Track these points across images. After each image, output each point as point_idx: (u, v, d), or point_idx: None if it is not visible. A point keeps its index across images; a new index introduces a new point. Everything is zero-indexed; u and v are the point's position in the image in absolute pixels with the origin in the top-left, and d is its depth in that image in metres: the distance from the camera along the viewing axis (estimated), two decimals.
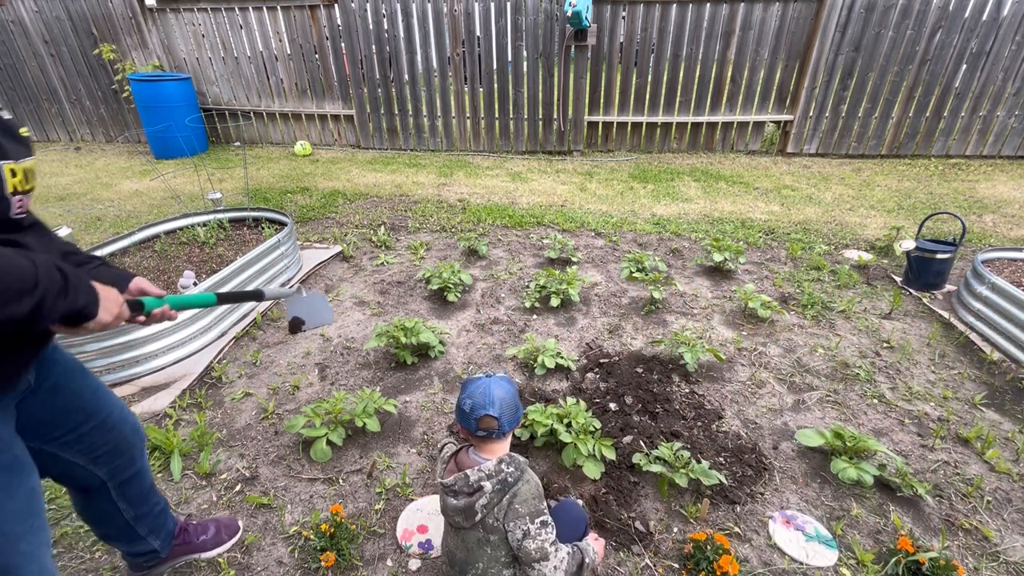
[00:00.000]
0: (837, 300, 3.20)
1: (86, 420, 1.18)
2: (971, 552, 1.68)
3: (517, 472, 1.23)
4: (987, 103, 5.81)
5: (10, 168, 0.78)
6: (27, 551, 0.89)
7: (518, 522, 1.21)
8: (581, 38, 5.84)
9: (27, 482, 0.91)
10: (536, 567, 1.23)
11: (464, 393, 1.26)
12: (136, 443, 1.34)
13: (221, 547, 1.67)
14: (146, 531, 1.46)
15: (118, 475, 1.31)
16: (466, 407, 1.23)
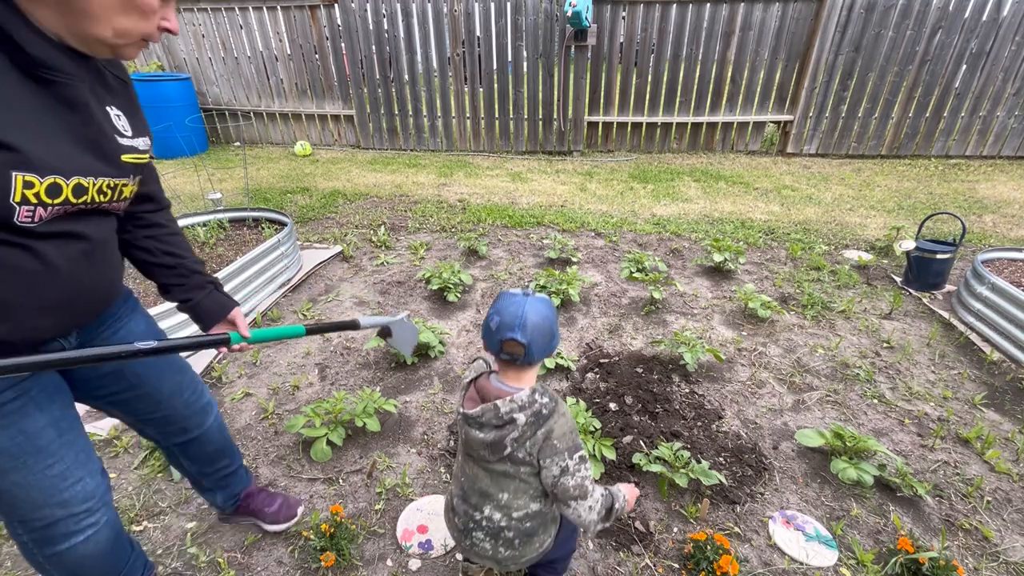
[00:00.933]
0: (837, 300, 3.20)
1: (129, 388, 1.23)
2: (971, 552, 1.68)
3: (552, 403, 1.10)
4: (987, 103, 5.81)
5: (23, 179, 0.79)
6: (20, 482, 1.00)
7: (555, 458, 1.09)
8: (581, 38, 5.84)
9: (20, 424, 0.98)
10: (573, 504, 1.12)
11: (494, 307, 1.10)
12: (191, 416, 1.39)
13: (278, 525, 1.71)
14: (211, 485, 1.60)
15: (170, 439, 1.40)
16: (492, 324, 1.08)
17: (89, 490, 1.10)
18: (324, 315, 3.07)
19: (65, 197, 0.86)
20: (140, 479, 1.95)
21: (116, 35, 0.85)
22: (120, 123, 0.98)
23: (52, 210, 0.85)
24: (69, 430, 1.07)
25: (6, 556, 1.67)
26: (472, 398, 1.16)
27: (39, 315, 0.93)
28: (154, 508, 1.84)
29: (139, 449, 2.08)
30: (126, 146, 0.98)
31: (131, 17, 0.84)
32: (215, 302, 1.24)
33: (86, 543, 1.13)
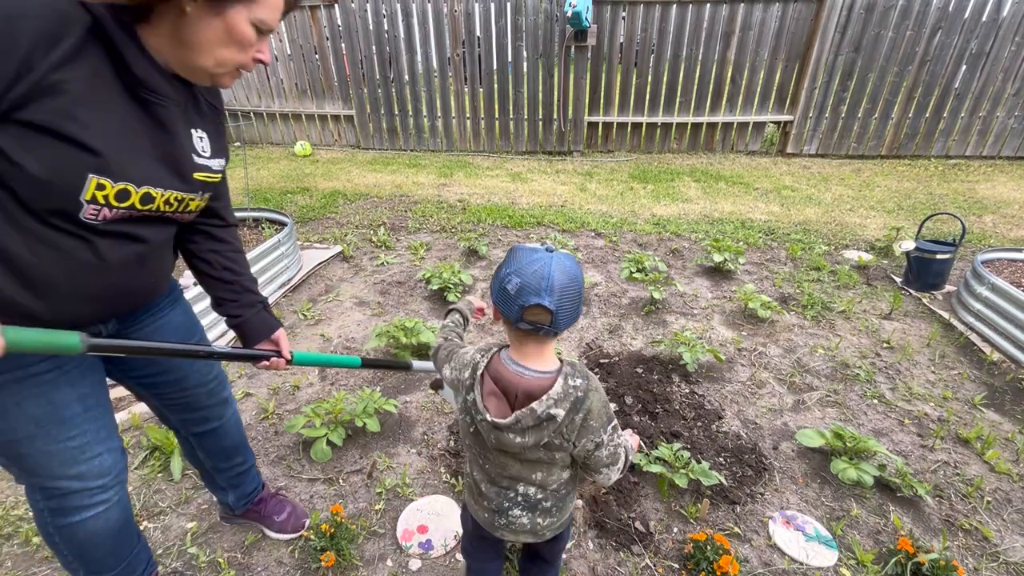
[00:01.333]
0: (837, 300, 3.20)
1: (161, 372, 1.29)
2: (971, 552, 1.68)
3: (584, 382, 0.97)
4: (987, 104, 5.81)
5: (97, 181, 0.86)
6: (42, 448, 1.05)
7: (591, 436, 1.00)
8: (581, 38, 5.84)
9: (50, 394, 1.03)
10: (604, 471, 1.05)
11: (511, 266, 0.93)
12: (213, 406, 1.43)
13: (284, 535, 1.72)
14: (224, 483, 1.62)
15: (189, 427, 1.44)
16: (511, 286, 0.91)
17: (106, 466, 1.15)
18: (324, 315, 3.07)
19: (132, 203, 0.93)
20: (140, 479, 1.95)
21: (216, 65, 0.93)
22: (201, 144, 1.07)
23: (117, 212, 0.92)
24: (96, 406, 1.12)
25: (6, 556, 1.67)
26: (493, 392, 1.00)
27: (80, 302, 0.98)
28: (154, 508, 1.84)
29: (139, 449, 2.08)
30: (200, 165, 1.06)
31: (231, 49, 0.92)
32: (262, 321, 1.29)
33: (96, 519, 1.17)
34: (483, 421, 0.99)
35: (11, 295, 0.89)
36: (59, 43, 0.76)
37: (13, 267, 0.87)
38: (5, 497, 1.88)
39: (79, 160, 0.83)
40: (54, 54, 0.76)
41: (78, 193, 0.85)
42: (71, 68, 0.78)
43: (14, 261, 0.87)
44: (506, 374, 0.99)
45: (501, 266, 0.97)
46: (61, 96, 0.78)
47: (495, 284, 0.96)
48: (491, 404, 1.00)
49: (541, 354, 0.99)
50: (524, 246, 0.97)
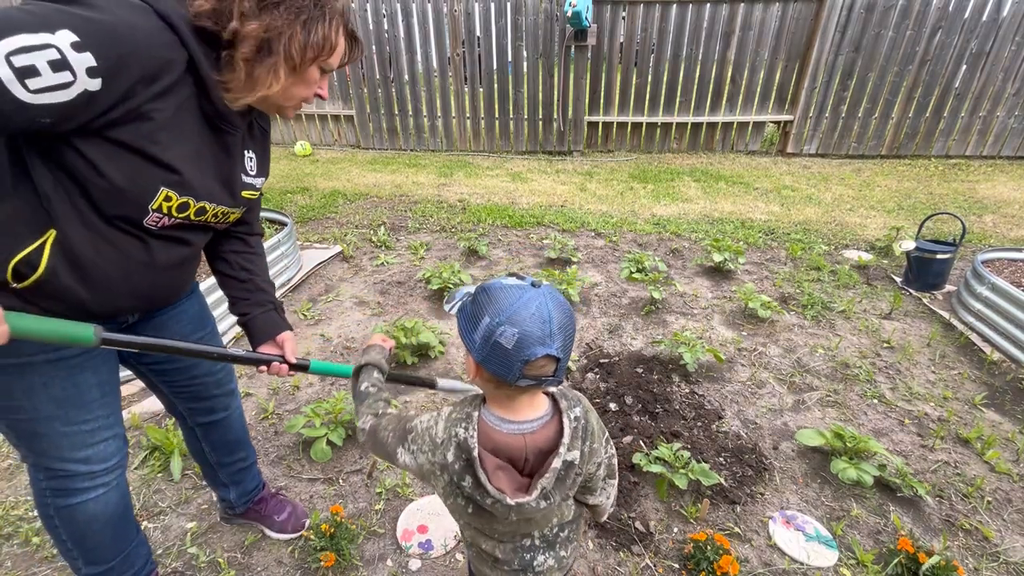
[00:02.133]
0: (837, 300, 3.20)
1: (170, 360, 1.34)
2: (971, 552, 1.68)
3: (581, 407, 0.87)
4: (987, 103, 5.81)
5: (166, 194, 0.97)
6: (59, 429, 1.10)
7: (595, 459, 0.90)
8: (581, 38, 5.84)
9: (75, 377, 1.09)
10: (604, 489, 0.99)
11: (497, 314, 0.74)
12: (219, 397, 1.47)
13: (284, 534, 1.72)
14: (226, 479, 1.63)
15: (195, 417, 1.47)
16: (505, 339, 0.73)
17: (111, 451, 1.20)
18: (324, 315, 3.07)
19: (188, 214, 1.04)
20: (140, 479, 1.95)
21: (285, 101, 1.05)
22: (250, 164, 1.18)
23: (173, 221, 1.03)
24: (110, 393, 1.18)
25: (6, 556, 1.68)
26: (499, 467, 0.81)
27: (127, 297, 1.07)
28: (154, 508, 1.84)
29: (139, 449, 2.08)
30: (247, 183, 1.17)
31: (299, 88, 1.03)
32: (268, 321, 1.32)
33: (96, 501, 1.21)
34: (497, 504, 0.79)
35: (67, 283, 0.96)
36: (157, 81, 0.87)
37: (73, 257, 0.95)
38: (5, 497, 1.88)
39: (155, 175, 0.94)
40: (152, 89, 0.87)
41: (148, 202, 0.96)
42: (162, 100, 0.90)
43: (75, 252, 0.94)
44: (504, 439, 0.82)
45: (479, 313, 0.76)
46: (149, 122, 0.89)
47: (477, 338, 0.76)
48: (503, 482, 0.80)
49: (533, 402, 0.84)
50: (499, 283, 0.78)
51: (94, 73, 0.79)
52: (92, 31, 0.78)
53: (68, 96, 0.78)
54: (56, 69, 0.76)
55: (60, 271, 0.94)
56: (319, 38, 0.97)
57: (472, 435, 0.80)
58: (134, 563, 1.36)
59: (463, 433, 0.81)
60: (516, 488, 0.81)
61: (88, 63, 0.78)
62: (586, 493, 0.97)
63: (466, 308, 0.81)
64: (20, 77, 0.74)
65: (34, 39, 0.74)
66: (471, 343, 0.78)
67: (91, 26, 0.78)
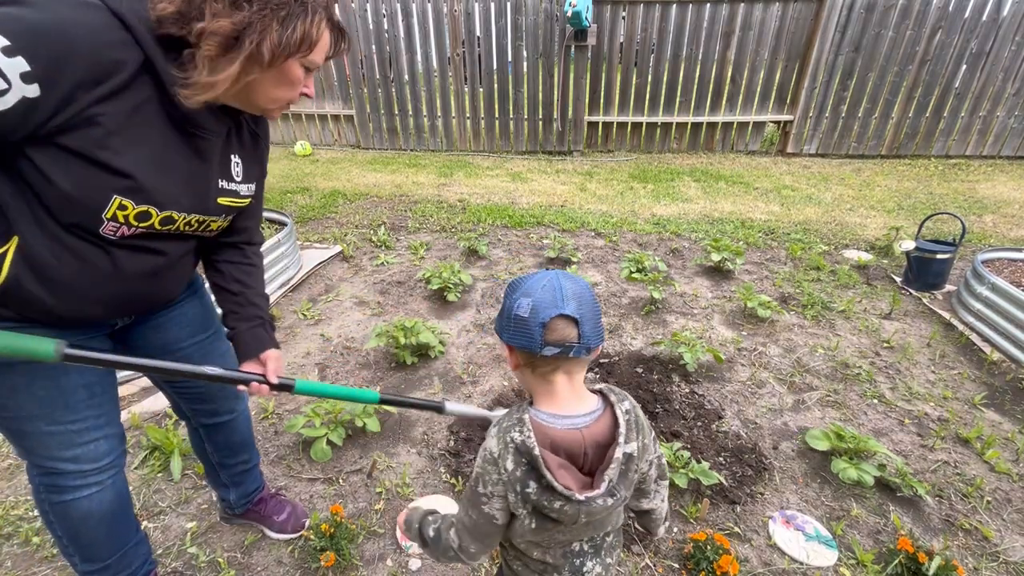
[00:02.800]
0: (837, 300, 3.20)
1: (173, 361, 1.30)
2: (971, 552, 1.68)
3: (629, 401, 0.86)
4: (987, 103, 5.81)
5: (120, 202, 0.91)
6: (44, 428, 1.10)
7: (647, 456, 0.88)
8: (581, 38, 5.84)
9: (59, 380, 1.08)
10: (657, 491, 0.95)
11: (515, 294, 0.81)
12: (224, 400, 1.46)
13: (284, 535, 1.72)
14: (228, 480, 1.63)
15: (200, 418, 1.47)
16: (523, 310, 0.78)
17: (101, 451, 1.19)
18: (324, 315, 3.07)
19: (151, 223, 0.98)
20: (140, 479, 1.95)
21: (267, 102, 1.00)
22: (236, 169, 1.12)
23: (135, 230, 0.98)
24: (100, 394, 1.17)
25: (6, 556, 1.68)
26: (562, 465, 0.79)
27: (93, 304, 1.04)
28: (154, 508, 1.84)
29: (139, 449, 2.08)
30: (228, 190, 1.11)
31: (283, 89, 0.98)
32: (254, 337, 1.23)
33: (90, 499, 1.20)
34: (566, 506, 0.77)
35: (31, 290, 0.95)
36: (104, 83, 0.82)
37: (35, 265, 0.93)
38: (5, 497, 1.88)
39: (106, 182, 0.89)
40: (97, 92, 0.82)
41: (101, 210, 0.91)
42: (111, 103, 0.84)
43: (37, 260, 0.92)
44: (561, 435, 0.80)
45: (505, 302, 0.84)
46: (96, 127, 0.84)
47: (504, 322, 0.82)
48: (568, 480, 0.77)
49: (575, 391, 0.83)
50: (518, 277, 0.85)
51: (29, 78, 0.74)
52: (22, 32, 0.73)
53: (5, 105, 0.74)
54: None
55: (23, 278, 0.92)
56: (297, 36, 0.90)
57: (529, 435, 0.77)
58: (131, 562, 1.35)
59: (519, 436, 0.78)
60: (581, 486, 0.79)
61: (21, 68, 0.73)
62: (640, 497, 0.95)
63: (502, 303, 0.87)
64: None
65: None
66: (503, 329, 0.83)
67: (21, 26, 0.73)
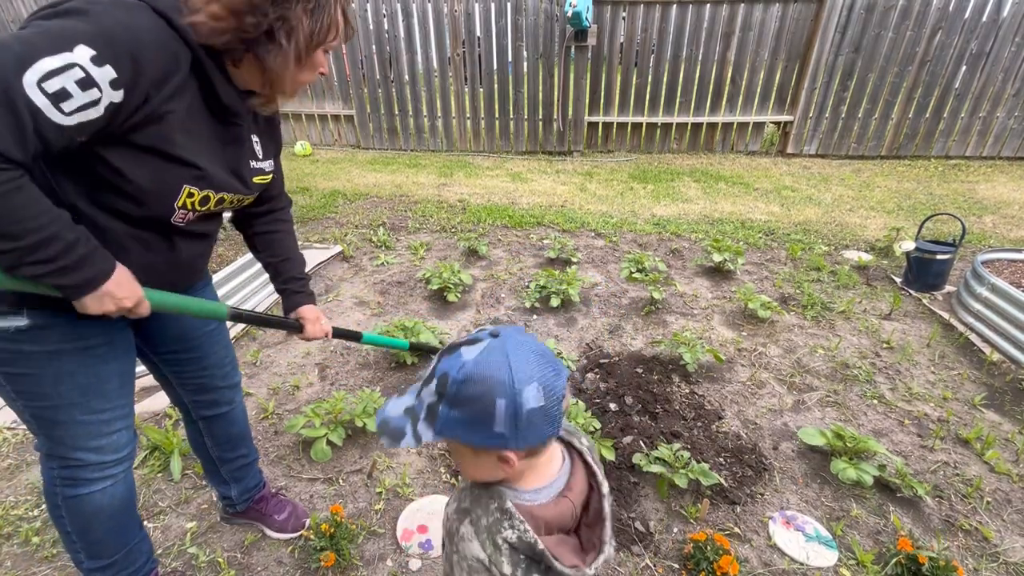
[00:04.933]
0: (837, 301, 3.20)
1: (186, 350, 1.37)
2: (971, 552, 1.68)
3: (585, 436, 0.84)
4: (987, 104, 5.81)
5: (189, 191, 1.00)
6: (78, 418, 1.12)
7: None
8: (581, 38, 5.84)
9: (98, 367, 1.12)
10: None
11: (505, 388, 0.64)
12: (224, 390, 1.50)
13: (284, 534, 1.72)
14: (228, 476, 1.64)
15: (200, 410, 1.49)
16: (535, 399, 0.64)
17: (123, 441, 1.22)
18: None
19: (209, 208, 1.08)
20: (140, 479, 1.95)
21: (295, 87, 1.05)
22: (257, 148, 1.19)
23: (196, 214, 1.07)
24: (128, 383, 1.22)
25: (6, 556, 1.67)
26: (561, 542, 0.73)
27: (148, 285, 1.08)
28: (154, 508, 1.84)
29: (139, 449, 2.08)
30: (257, 169, 1.19)
31: (307, 73, 1.04)
32: (286, 299, 1.43)
33: (103, 493, 1.22)
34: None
35: None
36: (168, 81, 0.88)
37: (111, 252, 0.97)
38: (5, 497, 1.88)
39: (178, 174, 0.96)
40: (164, 91, 0.88)
41: (174, 200, 0.99)
42: (176, 100, 0.90)
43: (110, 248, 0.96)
44: (551, 512, 0.73)
45: (482, 406, 0.64)
46: (165, 123, 0.90)
47: (502, 428, 0.65)
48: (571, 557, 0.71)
49: (551, 463, 0.76)
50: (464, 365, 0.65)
51: (116, 85, 0.80)
52: (105, 42, 0.78)
53: (99, 112, 0.80)
54: (84, 88, 0.77)
55: None
56: (324, 25, 0.97)
57: (525, 529, 0.68)
58: (136, 559, 1.37)
59: (512, 534, 0.68)
60: (593, 552, 0.73)
61: (110, 76, 0.79)
62: None
63: (446, 418, 0.66)
64: (55, 102, 0.75)
65: (57, 61, 0.74)
66: (494, 441, 0.66)
67: (102, 37, 0.78)
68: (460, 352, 0.67)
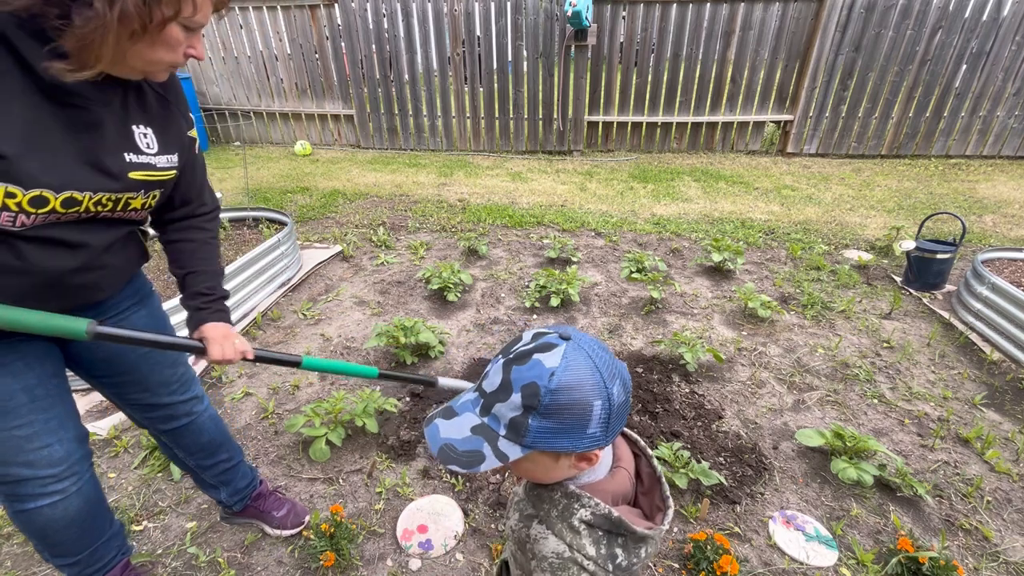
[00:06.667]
0: (837, 300, 3.20)
1: (118, 373, 1.28)
2: (971, 552, 1.68)
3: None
4: (987, 103, 5.81)
5: (7, 190, 0.85)
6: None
7: None
8: (581, 38, 5.84)
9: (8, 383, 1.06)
10: None
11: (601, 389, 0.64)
12: (178, 404, 1.41)
13: (283, 531, 1.72)
14: (213, 481, 1.61)
15: (156, 424, 1.42)
16: (620, 395, 0.67)
17: (56, 456, 1.14)
18: (324, 315, 3.07)
19: (52, 208, 0.91)
20: (140, 479, 1.95)
21: (145, 65, 0.92)
22: (145, 140, 1.02)
23: (38, 218, 0.91)
24: (44, 397, 1.12)
25: (6, 556, 1.68)
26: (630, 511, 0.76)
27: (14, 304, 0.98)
28: (154, 508, 1.84)
29: (139, 449, 2.08)
30: (139, 163, 1.01)
31: (159, 51, 0.90)
32: (192, 317, 1.23)
33: (53, 507, 1.17)
34: (651, 544, 0.74)
35: None
36: None
37: None
38: None
39: None
40: None
41: None
42: None
43: None
44: (614, 485, 0.75)
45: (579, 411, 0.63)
46: None
47: (595, 429, 0.65)
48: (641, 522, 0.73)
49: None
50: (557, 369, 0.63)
51: None
52: None
53: None
54: None
55: None
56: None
57: (597, 504, 0.70)
58: (103, 556, 1.35)
59: (587, 512, 0.70)
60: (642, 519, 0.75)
61: None
62: None
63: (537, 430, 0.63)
64: None
65: None
66: (585, 443, 0.65)
67: None
68: (537, 360, 0.64)
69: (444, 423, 0.69)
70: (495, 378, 0.67)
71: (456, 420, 0.69)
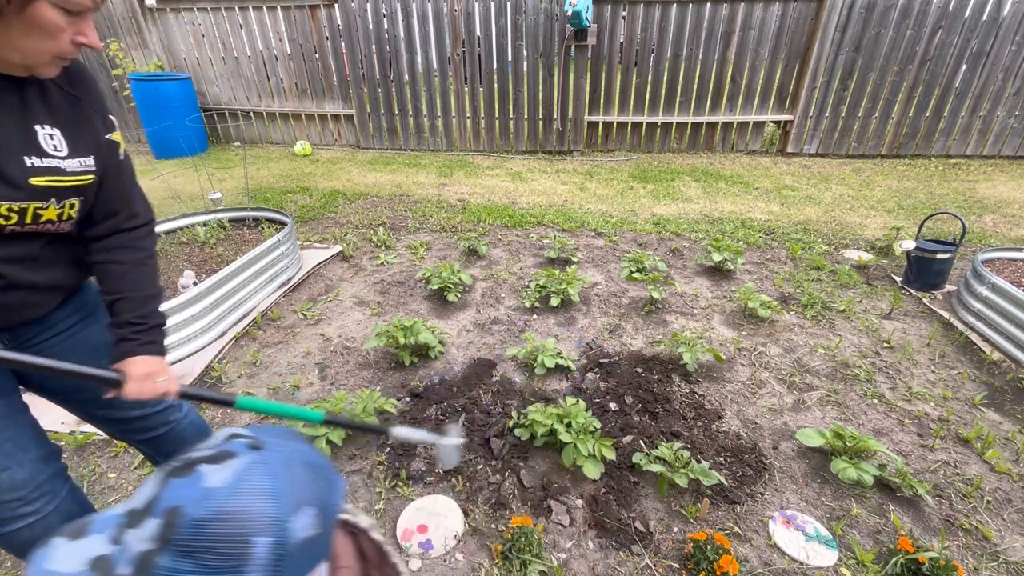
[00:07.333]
0: (837, 300, 3.20)
1: (77, 391, 1.21)
2: (971, 552, 1.68)
3: None
4: (987, 103, 5.81)
5: None
6: None
7: None
8: (581, 38, 5.84)
9: None
10: None
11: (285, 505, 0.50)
12: (150, 417, 1.33)
13: None
14: None
15: (130, 436, 1.35)
16: (323, 523, 0.55)
17: (18, 479, 1.08)
18: (324, 315, 3.07)
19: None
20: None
21: (24, 57, 0.83)
22: (52, 142, 0.91)
23: None
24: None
25: (5, 556, 1.67)
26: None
27: None
28: None
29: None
30: (44, 167, 0.91)
31: (33, 39, 0.80)
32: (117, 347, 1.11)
33: (31, 528, 1.11)
34: None
35: None
36: None
37: None
38: None
39: None
40: None
41: None
42: None
43: None
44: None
45: (247, 530, 0.47)
46: None
47: (269, 562, 0.48)
48: None
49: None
50: (216, 469, 0.49)
51: None
52: None
53: None
54: None
55: None
56: None
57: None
58: None
59: None
60: None
61: None
62: None
63: (169, 570, 0.46)
64: None
65: None
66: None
67: None
68: (200, 474, 0.48)
69: (64, 543, 0.50)
70: (145, 490, 0.50)
71: (82, 543, 0.50)
